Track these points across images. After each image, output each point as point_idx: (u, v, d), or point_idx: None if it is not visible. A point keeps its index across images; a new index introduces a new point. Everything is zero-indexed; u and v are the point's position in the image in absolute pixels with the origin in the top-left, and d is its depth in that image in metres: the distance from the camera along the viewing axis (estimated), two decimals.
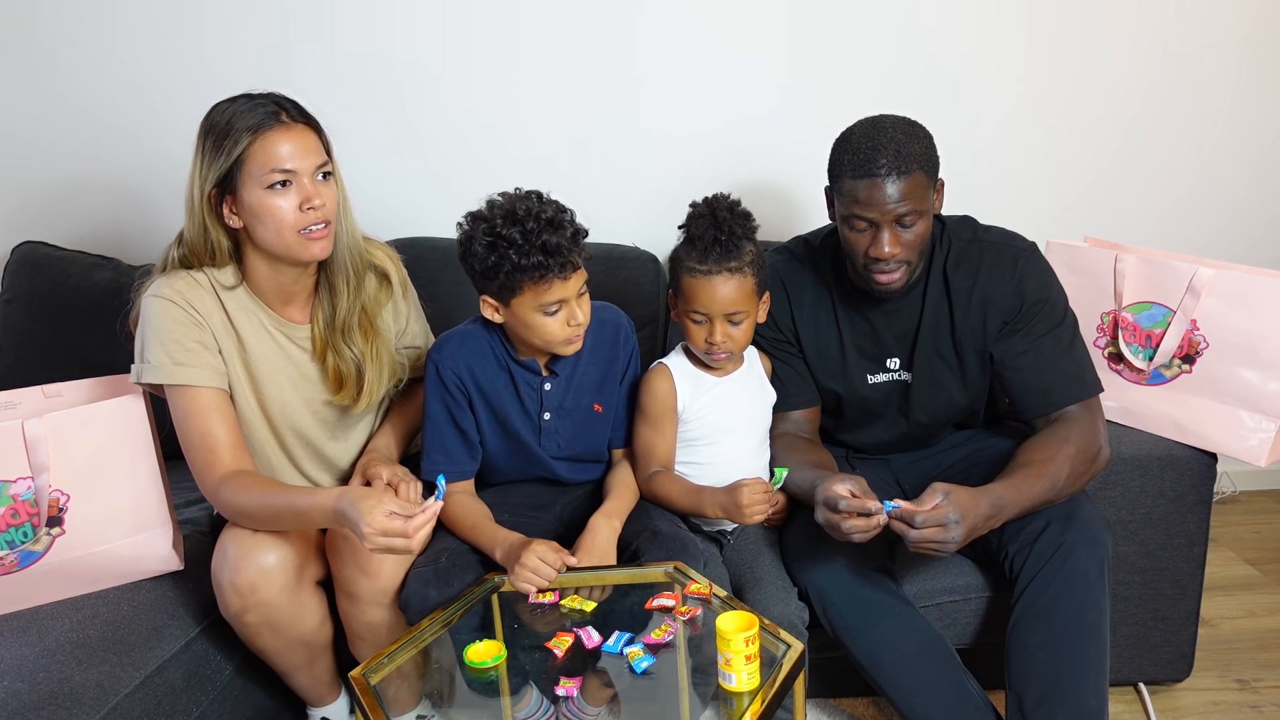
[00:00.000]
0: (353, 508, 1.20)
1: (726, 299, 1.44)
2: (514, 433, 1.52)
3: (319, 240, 1.34)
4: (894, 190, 1.38)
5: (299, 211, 1.31)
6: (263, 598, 1.35)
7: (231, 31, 2.10)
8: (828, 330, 1.61)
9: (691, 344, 1.52)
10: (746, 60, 2.17)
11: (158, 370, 1.34)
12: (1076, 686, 1.34)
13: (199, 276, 1.38)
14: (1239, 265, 1.60)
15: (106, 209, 2.20)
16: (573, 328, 1.39)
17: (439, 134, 2.19)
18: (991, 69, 2.20)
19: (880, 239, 1.41)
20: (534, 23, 2.14)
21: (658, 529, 1.45)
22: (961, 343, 1.55)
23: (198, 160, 1.32)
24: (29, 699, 1.20)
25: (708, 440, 1.57)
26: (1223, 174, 2.30)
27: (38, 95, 2.13)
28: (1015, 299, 1.50)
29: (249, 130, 1.28)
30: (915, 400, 1.60)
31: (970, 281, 1.52)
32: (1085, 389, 1.50)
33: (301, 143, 1.31)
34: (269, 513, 1.32)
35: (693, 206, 1.49)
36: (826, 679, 1.70)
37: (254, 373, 1.43)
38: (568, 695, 1.14)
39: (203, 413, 1.35)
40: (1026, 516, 1.41)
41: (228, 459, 1.35)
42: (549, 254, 1.31)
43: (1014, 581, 1.42)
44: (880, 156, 1.38)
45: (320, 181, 1.34)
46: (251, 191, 1.30)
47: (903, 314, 1.57)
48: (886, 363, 1.60)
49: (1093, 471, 1.46)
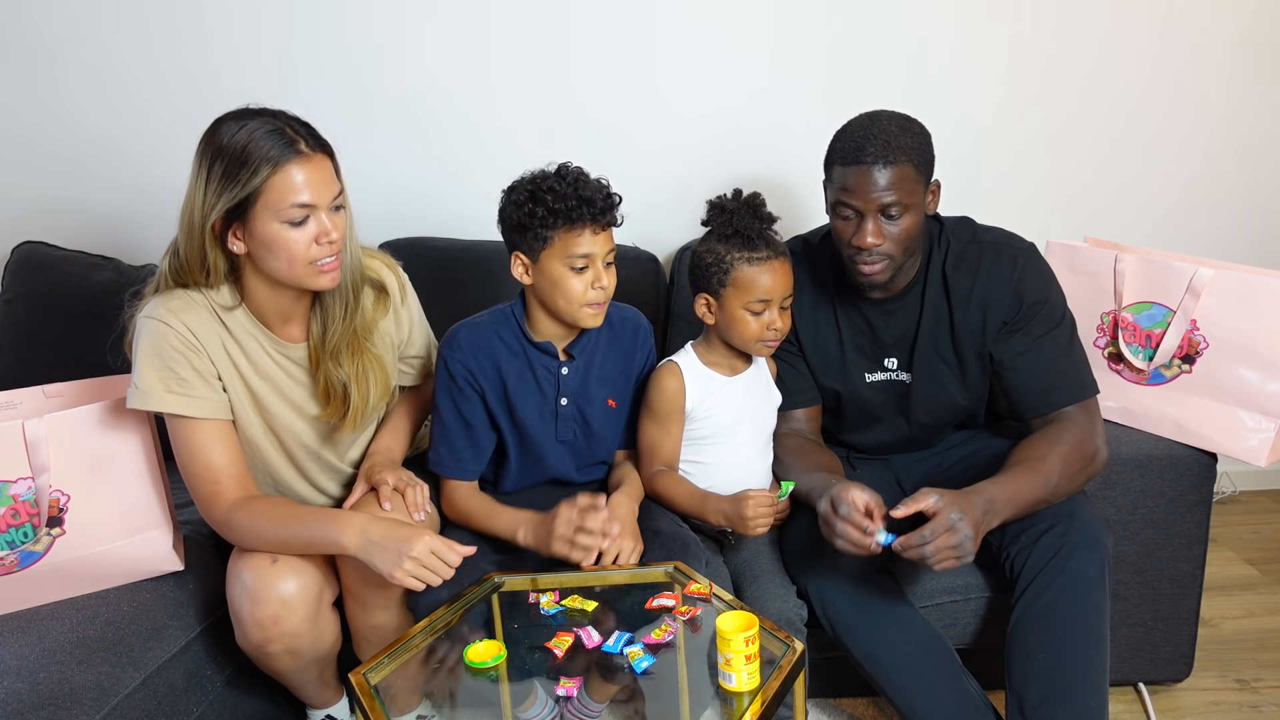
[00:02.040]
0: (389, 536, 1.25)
1: (785, 283, 1.49)
2: (522, 425, 1.51)
3: (329, 272, 1.32)
4: (880, 179, 1.39)
5: (315, 245, 1.28)
6: (286, 628, 1.33)
7: (234, 31, 2.10)
8: (826, 328, 1.62)
9: (742, 338, 1.51)
10: (746, 62, 2.17)
11: (148, 396, 1.30)
12: (1077, 687, 1.34)
13: (195, 296, 1.34)
14: (1239, 265, 1.60)
15: (106, 209, 2.19)
16: (596, 291, 1.41)
17: (440, 135, 2.19)
18: (993, 69, 2.20)
19: (864, 228, 1.42)
20: (541, 25, 2.14)
21: (659, 528, 1.45)
22: (961, 343, 1.55)
23: (202, 181, 1.25)
24: (29, 699, 1.20)
25: (714, 440, 1.57)
26: (1223, 174, 2.30)
27: (38, 95, 2.13)
28: (1014, 299, 1.50)
29: (268, 163, 1.23)
30: (914, 400, 1.60)
31: (970, 282, 1.52)
32: (1083, 390, 1.50)
33: (319, 174, 1.27)
34: (281, 543, 1.32)
35: (720, 202, 1.50)
36: (826, 679, 1.70)
37: (256, 393, 1.41)
38: (568, 695, 1.14)
39: (204, 444, 1.34)
40: (1028, 517, 1.41)
41: (234, 488, 1.34)
42: (584, 202, 1.37)
43: (1015, 582, 1.42)
44: (869, 145, 1.40)
45: (334, 213, 1.31)
46: (266, 224, 1.26)
47: (901, 314, 1.57)
48: (885, 362, 1.61)
49: (1090, 472, 1.45)
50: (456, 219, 2.11)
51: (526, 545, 1.39)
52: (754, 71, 2.18)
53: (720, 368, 1.57)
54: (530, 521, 1.40)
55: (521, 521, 1.41)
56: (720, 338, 1.55)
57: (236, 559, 1.36)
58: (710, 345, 1.57)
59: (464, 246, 2.03)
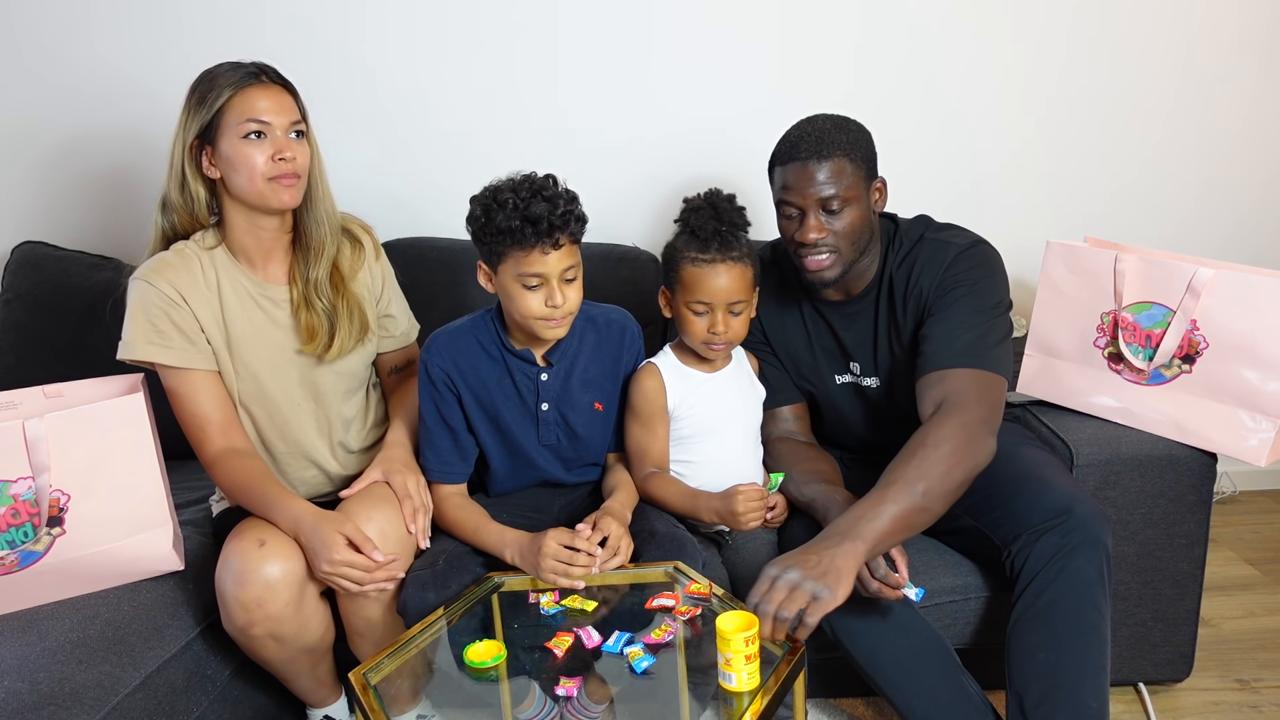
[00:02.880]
0: (314, 534, 1.34)
1: (729, 288, 1.46)
2: (507, 429, 1.51)
3: (288, 189, 1.42)
4: (817, 174, 1.43)
5: (271, 161, 1.39)
6: (269, 611, 1.35)
7: (235, 36, 2.10)
8: (795, 331, 1.64)
9: (690, 337, 1.52)
10: (746, 61, 2.18)
11: (131, 347, 1.42)
12: (1077, 687, 1.34)
13: (184, 249, 1.45)
14: (1239, 265, 1.60)
15: (106, 209, 2.20)
16: (550, 309, 1.38)
17: (440, 135, 2.19)
18: (994, 69, 2.20)
19: (806, 223, 1.45)
20: (538, 24, 2.14)
21: (656, 529, 1.45)
22: (909, 344, 1.54)
23: (183, 118, 1.42)
24: (29, 699, 1.20)
25: (701, 437, 1.57)
26: (1223, 174, 2.30)
27: (38, 95, 2.13)
28: (939, 287, 1.48)
29: (230, 85, 1.39)
30: (879, 405, 1.62)
31: (906, 278, 1.52)
32: (979, 361, 1.40)
33: (277, 101, 1.41)
34: (247, 504, 1.44)
35: (688, 201, 1.50)
36: (826, 679, 1.70)
37: (239, 337, 1.48)
38: (568, 695, 1.14)
39: (188, 393, 1.45)
40: (1026, 516, 1.40)
41: (218, 436, 1.45)
42: (531, 222, 1.33)
43: (1015, 581, 1.42)
44: (803, 143, 1.45)
45: (293, 139, 1.43)
46: (229, 141, 1.39)
47: (860, 318, 1.58)
48: (851, 366, 1.62)
49: (972, 455, 1.33)
50: (457, 219, 2.10)
51: (513, 564, 1.39)
52: (757, 79, 2.18)
53: (698, 365, 1.57)
54: (517, 543, 1.39)
55: (508, 542, 1.40)
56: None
57: (227, 544, 1.40)
58: (685, 344, 1.57)
59: (464, 246, 2.02)
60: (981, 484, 1.39)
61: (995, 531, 1.47)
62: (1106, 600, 1.39)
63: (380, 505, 1.44)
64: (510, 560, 1.38)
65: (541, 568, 1.32)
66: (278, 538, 1.37)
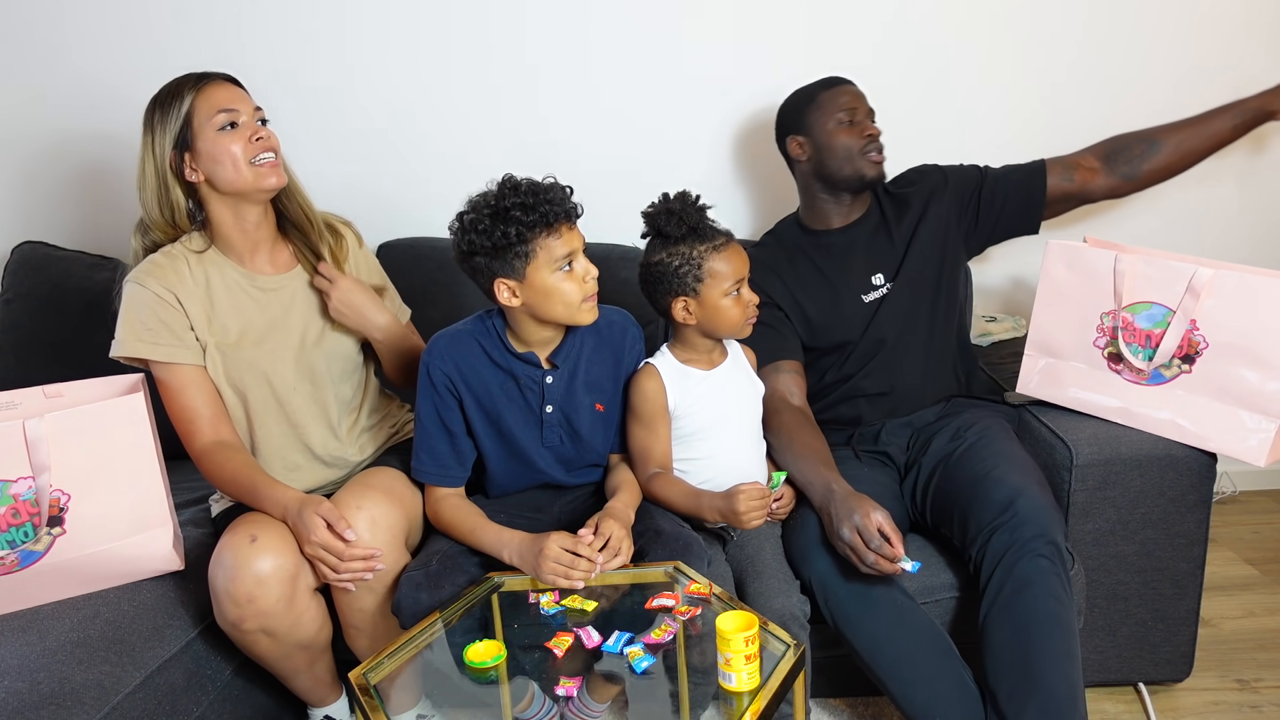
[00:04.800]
0: (299, 517, 1.37)
1: (746, 258, 1.54)
2: (508, 433, 1.51)
3: (273, 169, 1.47)
4: (858, 90, 1.80)
5: (249, 143, 1.45)
6: (260, 607, 1.35)
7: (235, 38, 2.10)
8: (812, 274, 1.80)
9: (730, 325, 1.53)
10: (745, 60, 2.18)
11: (121, 344, 1.45)
12: (1043, 676, 1.35)
13: (172, 251, 1.49)
14: (1239, 265, 1.60)
15: (106, 209, 2.20)
16: (589, 284, 1.41)
17: (440, 135, 2.20)
18: (996, 69, 2.20)
19: (869, 123, 1.77)
20: (535, 23, 2.14)
21: (660, 528, 1.45)
22: (913, 241, 1.78)
23: (148, 137, 1.45)
24: (29, 699, 1.20)
25: (703, 435, 1.57)
26: (1223, 174, 2.30)
27: (38, 95, 2.13)
28: (942, 174, 1.86)
29: (190, 87, 1.45)
30: (904, 310, 1.76)
31: (897, 195, 1.84)
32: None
33: (236, 92, 1.48)
34: (236, 495, 1.47)
35: (658, 209, 1.52)
36: (828, 678, 1.70)
37: (234, 328, 1.50)
38: (568, 695, 1.15)
39: (177, 387, 1.47)
40: (980, 515, 1.47)
41: (206, 430, 1.47)
42: (552, 203, 1.37)
43: (978, 581, 1.45)
44: (830, 77, 1.81)
45: (261, 126, 1.49)
46: (206, 138, 1.44)
47: (869, 229, 1.82)
48: (873, 279, 1.79)
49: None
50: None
51: (513, 565, 1.38)
52: (756, 79, 2.18)
53: (697, 363, 1.57)
54: (516, 544, 1.38)
55: (506, 542, 1.39)
56: (701, 333, 1.56)
57: (222, 539, 1.40)
58: (685, 343, 1.58)
59: None
60: (941, 490, 1.52)
61: (956, 536, 1.52)
62: (1065, 588, 1.41)
63: (372, 495, 1.44)
64: (509, 561, 1.38)
65: (542, 570, 1.32)
66: (269, 533, 1.37)
